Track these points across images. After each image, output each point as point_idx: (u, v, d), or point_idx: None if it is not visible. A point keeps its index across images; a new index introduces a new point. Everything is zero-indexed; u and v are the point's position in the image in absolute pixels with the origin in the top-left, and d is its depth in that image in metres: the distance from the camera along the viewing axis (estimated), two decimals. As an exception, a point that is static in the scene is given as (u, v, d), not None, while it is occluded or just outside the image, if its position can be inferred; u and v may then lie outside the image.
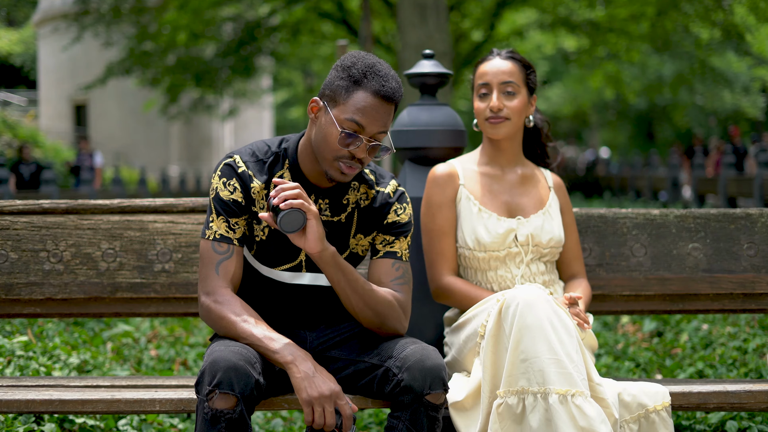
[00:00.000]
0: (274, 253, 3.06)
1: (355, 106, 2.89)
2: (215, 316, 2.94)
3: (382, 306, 3.01)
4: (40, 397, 3.07)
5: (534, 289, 3.09)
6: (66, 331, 5.78)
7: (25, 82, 43.21)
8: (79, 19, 20.20)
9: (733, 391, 3.20)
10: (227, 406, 2.73)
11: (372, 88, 2.89)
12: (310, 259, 3.06)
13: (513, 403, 2.96)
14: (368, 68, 2.92)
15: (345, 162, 2.92)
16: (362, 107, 2.89)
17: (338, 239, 3.10)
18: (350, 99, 2.90)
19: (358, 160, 2.92)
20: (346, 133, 2.88)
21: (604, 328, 6.47)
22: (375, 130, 2.91)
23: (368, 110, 2.89)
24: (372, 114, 2.89)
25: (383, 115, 2.91)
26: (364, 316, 3.01)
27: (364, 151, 2.91)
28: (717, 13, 18.63)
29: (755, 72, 30.51)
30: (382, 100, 2.90)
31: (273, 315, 3.12)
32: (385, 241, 3.11)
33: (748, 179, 16.10)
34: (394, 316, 3.04)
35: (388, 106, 2.92)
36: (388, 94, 2.90)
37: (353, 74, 2.91)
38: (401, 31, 13.98)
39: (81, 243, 3.64)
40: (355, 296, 2.97)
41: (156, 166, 32.87)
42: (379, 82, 2.90)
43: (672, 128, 41.42)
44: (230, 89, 23.02)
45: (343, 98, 2.91)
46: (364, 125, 2.89)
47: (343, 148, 2.90)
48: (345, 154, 2.91)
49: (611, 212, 3.83)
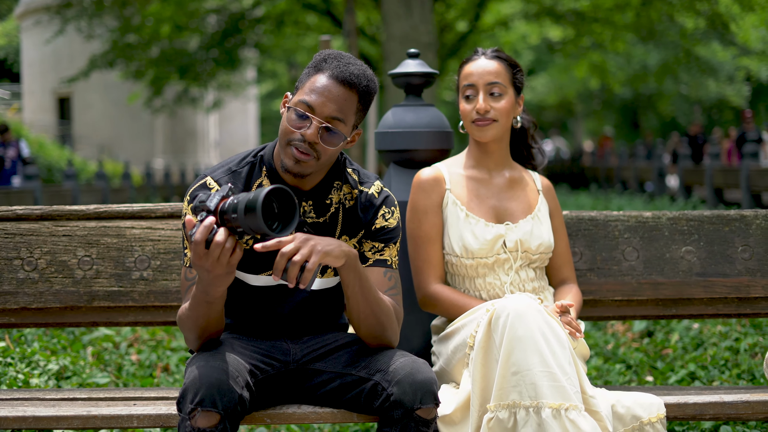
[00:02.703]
0: (258, 260, 2.98)
1: (310, 87, 2.87)
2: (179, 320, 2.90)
3: (386, 316, 2.94)
4: (13, 414, 2.98)
5: (525, 298, 2.99)
6: (45, 336, 5.66)
7: (8, 75, 43.00)
8: (62, 12, 20.04)
9: (730, 401, 3.11)
10: (210, 424, 2.66)
11: (328, 71, 2.87)
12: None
13: (504, 417, 2.87)
14: (330, 55, 2.92)
15: (298, 146, 2.85)
16: (315, 88, 2.86)
17: None
18: (308, 82, 2.88)
19: (310, 145, 2.84)
20: (297, 113, 2.85)
21: (594, 328, 6.39)
22: (327, 113, 2.85)
23: (321, 90, 2.85)
24: (324, 95, 2.85)
25: (337, 98, 2.85)
26: (367, 325, 2.92)
27: (315, 134, 2.83)
28: (702, 3, 18.64)
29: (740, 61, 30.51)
30: (336, 82, 2.86)
31: (257, 323, 3.05)
32: (374, 248, 3.03)
33: (734, 170, 16.06)
34: (393, 328, 2.97)
35: (344, 90, 2.86)
36: (343, 77, 2.86)
37: (316, 61, 2.91)
38: (386, 23, 13.89)
39: (56, 250, 3.53)
40: (365, 303, 2.88)
41: (140, 159, 32.77)
42: (336, 66, 2.87)
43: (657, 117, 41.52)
44: (214, 81, 22.96)
45: (303, 83, 2.90)
46: (314, 106, 2.84)
47: (295, 130, 2.85)
48: (297, 136, 2.85)
49: (602, 215, 3.74)
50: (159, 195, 24.71)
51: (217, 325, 2.87)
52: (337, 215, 3.04)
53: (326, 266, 3.02)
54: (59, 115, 36.77)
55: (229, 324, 3.09)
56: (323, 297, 3.07)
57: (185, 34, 20.74)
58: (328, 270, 3.04)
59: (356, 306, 2.89)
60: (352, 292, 2.86)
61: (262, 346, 2.99)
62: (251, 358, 2.90)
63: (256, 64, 27.11)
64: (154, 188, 25.00)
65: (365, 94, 2.90)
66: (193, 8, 19.86)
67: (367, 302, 2.88)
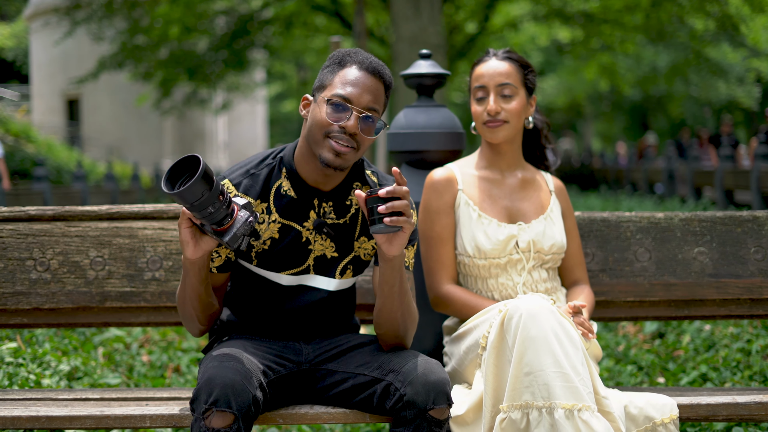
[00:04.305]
0: (280, 259, 2.99)
1: (341, 81, 2.89)
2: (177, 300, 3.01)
3: (412, 319, 2.97)
4: (26, 414, 2.98)
5: (537, 299, 2.99)
6: (56, 336, 5.67)
7: (17, 76, 43.08)
8: (71, 14, 20.06)
9: (743, 402, 3.10)
10: (224, 424, 2.67)
11: (356, 64, 2.91)
12: (319, 264, 3.02)
13: (517, 417, 2.87)
14: (350, 51, 2.95)
15: (337, 139, 2.85)
16: (349, 80, 2.88)
17: (344, 242, 3.04)
18: (336, 77, 2.90)
19: (350, 135, 2.85)
20: (334, 104, 2.86)
21: (605, 329, 6.37)
22: (364, 103, 2.87)
23: (355, 82, 2.88)
24: (359, 86, 2.88)
25: (371, 88, 2.89)
26: (394, 326, 2.94)
27: (355, 124, 2.85)
28: (712, 4, 18.59)
29: (750, 63, 30.44)
30: (367, 73, 2.89)
31: (273, 323, 3.06)
32: None
33: (745, 172, 16.00)
34: (413, 330, 3.02)
35: (375, 80, 2.90)
36: (373, 67, 2.90)
37: (336, 58, 2.94)
38: (395, 24, 13.88)
39: (69, 251, 3.54)
40: (400, 304, 2.90)
41: (149, 161, 32.80)
42: (363, 59, 2.92)
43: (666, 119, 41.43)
44: (223, 83, 22.96)
45: (329, 80, 2.91)
46: (351, 97, 2.86)
47: (333, 123, 2.85)
48: (335, 129, 2.85)
49: (614, 216, 3.74)
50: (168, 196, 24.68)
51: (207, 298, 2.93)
52: (357, 216, 3.05)
53: (346, 267, 3.04)
54: (68, 117, 36.82)
55: (242, 324, 3.10)
56: (339, 298, 3.09)
57: (194, 36, 20.74)
58: (347, 271, 3.05)
59: (390, 305, 2.90)
60: (390, 292, 2.88)
61: (275, 347, 3.00)
62: (264, 358, 2.90)
63: (264, 65, 27.12)
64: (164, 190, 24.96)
65: (389, 85, 2.95)
66: (202, 10, 19.87)
67: (401, 303, 2.91)
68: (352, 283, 3.12)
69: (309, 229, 2.99)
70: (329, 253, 3.02)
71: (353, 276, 3.08)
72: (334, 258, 3.03)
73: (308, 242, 3.00)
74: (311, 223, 2.99)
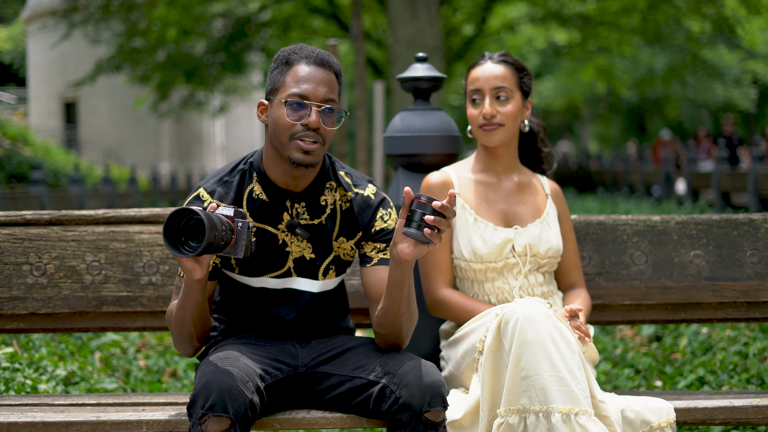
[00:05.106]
0: (260, 263, 3.01)
1: (293, 79, 2.90)
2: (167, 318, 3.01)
3: (415, 318, 2.99)
4: (23, 419, 2.97)
5: (534, 302, 2.99)
6: (53, 341, 5.66)
7: (14, 79, 43.05)
8: (68, 16, 20.05)
9: (740, 406, 3.10)
10: (221, 429, 2.67)
11: (304, 58, 2.92)
12: (299, 265, 3.03)
13: (514, 422, 2.86)
14: (293, 48, 2.97)
15: (302, 137, 2.88)
16: (301, 77, 2.90)
17: (321, 242, 3.06)
18: (287, 77, 2.91)
19: (314, 131, 2.87)
20: (292, 104, 2.87)
21: (602, 333, 6.37)
22: (321, 96, 2.89)
23: (307, 78, 2.90)
24: (312, 80, 2.89)
25: (324, 80, 2.91)
26: (396, 327, 2.95)
27: (317, 119, 2.87)
28: (708, 6, 18.61)
29: (746, 65, 30.45)
30: (317, 66, 2.91)
31: (263, 327, 3.07)
32: (377, 249, 3.07)
33: (742, 174, 15.99)
34: (412, 331, 3.03)
35: (325, 71, 2.92)
36: (321, 59, 2.92)
37: (282, 58, 2.96)
38: (392, 26, 13.89)
39: (65, 255, 3.53)
40: (407, 305, 2.91)
41: (146, 164, 32.77)
42: (308, 53, 2.94)
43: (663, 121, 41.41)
44: (221, 85, 22.96)
45: (280, 81, 2.92)
46: (307, 93, 2.88)
47: (295, 122, 2.87)
48: (298, 128, 2.87)
49: (611, 219, 3.74)
50: (166, 200, 24.72)
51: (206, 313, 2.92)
52: (335, 216, 3.07)
53: (328, 268, 3.06)
54: (65, 120, 36.80)
55: (236, 329, 3.11)
56: (326, 299, 3.11)
57: (191, 38, 20.74)
58: (330, 271, 3.07)
59: (398, 307, 2.89)
60: (399, 294, 2.86)
61: (271, 351, 3.00)
62: (260, 362, 2.90)
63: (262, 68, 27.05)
64: (161, 193, 25.00)
65: (339, 73, 2.97)
66: (200, 12, 19.88)
67: (409, 304, 2.91)
68: (337, 284, 3.13)
69: (283, 230, 3.02)
70: (307, 254, 3.04)
71: (336, 276, 3.10)
72: (313, 259, 3.04)
73: (285, 244, 3.02)
74: (285, 225, 3.01)
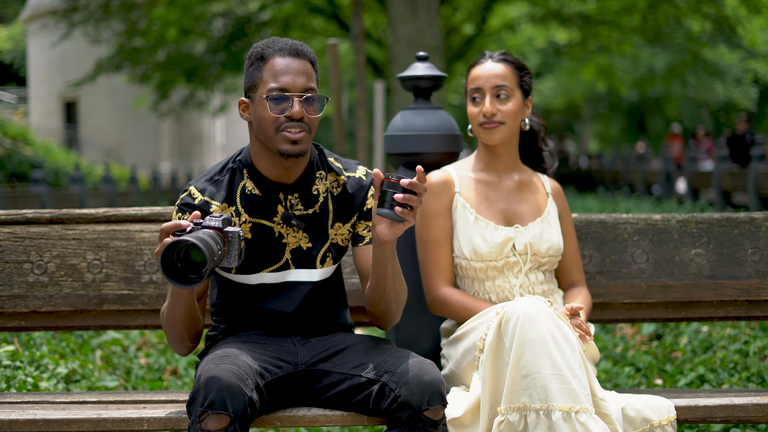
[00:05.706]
0: (258, 258, 3.04)
1: (271, 74, 2.93)
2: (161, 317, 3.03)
3: (405, 293, 3.05)
4: (24, 417, 2.97)
5: (535, 301, 2.99)
6: (54, 339, 5.67)
7: (14, 79, 43.05)
8: (69, 16, 20.06)
9: (741, 404, 3.11)
10: (220, 426, 2.67)
11: (278, 51, 2.95)
12: (296, 257, 3.05)
13: (515, 420, 2.87)
14: (266, 43, 2.99)
15: (288, 128, 2.91)
16: (278, 70, 2.92)
17: (317, 231, 3.08)
18: (264, 72, 2.94)
19: (299, 121, 2.90)
20: (273, 98, 2.90)
21: (602, 331, 6.37)
22: (300, 86, 2.92)
23: (284, 70, 2.92)
24: (290, 71, 2.92)
25: (301, 69, 2.94)
26: (386, 307, 3.02)
27: (300, 109, 2.90)
28: (708, 6, 18.60)
29: (747, 64, 30.45)
30: (292, 57, 2.94)
31: (263, 323, 3.08)
32: (368, 228, 3.11)
33: (742, 173, 15.99)
34: (402, 308, 3.09)
35: (301, 61, 2.95)
36: (295, 49, 2.95)
37: (256, 54, 2.98)
38: (392, 26, 13.89)
39: (66, 254, 3.53)
40: (393, 283, 2.96)
41: (147, 163, 32.77)
42: (281, 46, 2.96)
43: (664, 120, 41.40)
44: (221, 85, 22.95)
45: (258, 77, 2.95)
46: (287, 85, 2.91)
47: (278, 116, 2.90)
48: (283, 120, 2.91)
49: (611, 218, 3.74)
50: (166, 199, 24.73)
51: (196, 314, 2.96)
52: (327, 204, 3.09)
53: (325, 255, 3.08)
54: (66, 119, 36.81)
55: (237, 328, 3.11)
56: (326, 287, 3.13)
57: (191, 38, 20.76)
58: (328, 259, 3.09)
59: (384, 285, 2.94)
60: (384, 273, 2.92)
61: (270, 349, 3.00)
62: (260, 360, 2.91)
63: (262, 67, 27.08)
64: (161, 192, 25.01)
65: (314, 60, 3.00)
66: (200, 12, 19.89)
67: (395, 282, 2.96)
68: (334, 271, 3.16)
69: (279, 223, 3.04)
70: (304, 244, 3.06)
71: (334, 263, 3.12)
72: (310, 248, 3.06)
73: (281, 236, 3.04)
74: (280, 217, 3.03)
